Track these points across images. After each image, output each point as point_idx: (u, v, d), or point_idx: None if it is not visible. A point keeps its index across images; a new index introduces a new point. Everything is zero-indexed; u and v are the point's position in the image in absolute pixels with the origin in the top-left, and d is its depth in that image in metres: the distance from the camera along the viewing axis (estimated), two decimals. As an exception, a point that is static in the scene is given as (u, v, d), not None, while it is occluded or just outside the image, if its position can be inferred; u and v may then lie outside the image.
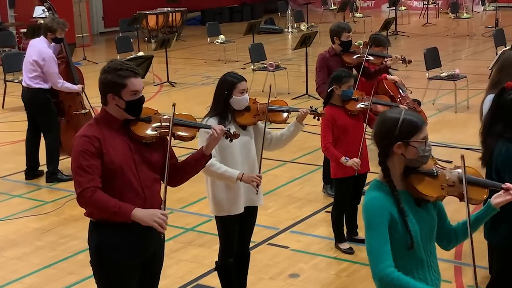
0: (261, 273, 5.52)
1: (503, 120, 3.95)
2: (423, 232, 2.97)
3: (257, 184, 4.42)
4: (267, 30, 21.13)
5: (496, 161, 3.87)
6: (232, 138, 4.00)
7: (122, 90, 3.57)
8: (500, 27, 16.94)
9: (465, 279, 5.33)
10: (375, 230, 2.85)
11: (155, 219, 3.51)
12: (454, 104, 10.75)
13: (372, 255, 2.86)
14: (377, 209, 2.87)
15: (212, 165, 4.36)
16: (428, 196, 2.95)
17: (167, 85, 13.54)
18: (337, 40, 7.07)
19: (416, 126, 2.92)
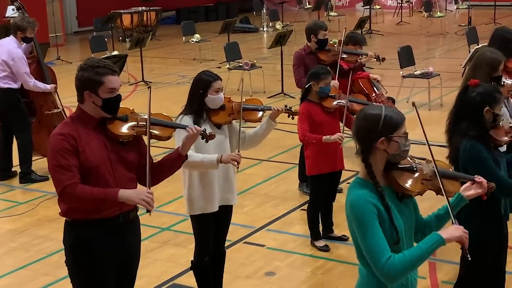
0: (237, 272, 5.52)
1: (467, 118, 3.97)
2: (406, 227, 3.00)
3: (237, 161, 4.41)
4: (243, 29, 21.12)
5: (462, 158, 3.90)
6: (207, 139, 4.00)
7: (99, 87, 3.55)
8: (473, 25, 17.12)
9: (439, 275, 5.37)
10: (368, 227, 2.84)
11: (142, 197, 3.53)
12: (428, 102, 10.85)
13: (371, 254, 2.84)
14: (365, 206, 2.87)
15: (190, 156, 4.34)
16: (411, 191, 2.99)
17: (142, 84, 13.47)
18: (313, 38, 7.10)
19: (398, 121, 2.96)
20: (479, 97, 3.92)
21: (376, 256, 2.82)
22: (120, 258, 3.75)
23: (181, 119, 4.46)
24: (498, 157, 3.99)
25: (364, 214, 2.86)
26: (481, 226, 4.05)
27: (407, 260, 2.82)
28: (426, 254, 2.84)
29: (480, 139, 3.92)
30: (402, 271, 2.82)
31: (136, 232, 3.86)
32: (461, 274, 4.29)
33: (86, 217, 3.61)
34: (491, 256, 4.15)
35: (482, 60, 4.96)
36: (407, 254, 2.83)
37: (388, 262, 2.79)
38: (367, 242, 2.84)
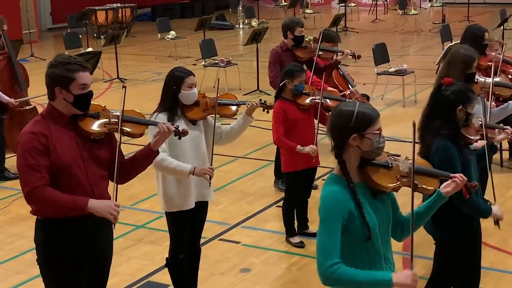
0: (212, 269, 5.51)
1: (440, 117, 4.00)
2: (380, 223, 3.01)
3: (210, 176, 4.42)
4: (218, 26, 21.08)
5: (433, 157, 3.93)
6: (180, 136, 3.98)
7: (70, 84, 3.51)
8: (447, 23, 17.27)
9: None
10: (327, 226, 2.86)
11: (110, 211, 3.52)
12: (402, 98, 10.93)
13: (320, 250, 2.87)
14: (334, 204, 2.89)
15: (164, 160, 4.34)
16: (385, 187, 2.99)
17: (117, 81, 13.38)
18: (290, 35, 7.11)
19: (371, 118, 2.96)
20: (453, 96, 3.95)
21: (324, 255, 2.85)
22: (93, 256, 3.72)
23: (156, 116, 4.44)
24: (468, 155, 4.02)
25: (328, 213, 2.88)
26: (454, 222, 4.09)
27: (349, 276, 2.83)
28: (370, 283, 2.83)
29: (452, 138, 3.95)
30: (340, 281, 2.83)
31: (108, 229, 3.83)
32: (434, 270, 4.32)
33: (57, 215, 3.57)
34: (464, 252, 4.19)
35: (456, 57, 4.99)
36: (353, 272, 2.84)
37: (333, 267, 2.82)
38: (322, 238, 2.87)
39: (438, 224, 4.11)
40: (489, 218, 4.17)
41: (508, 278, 5.27)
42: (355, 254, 2.94)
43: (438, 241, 4.22)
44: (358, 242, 2.92)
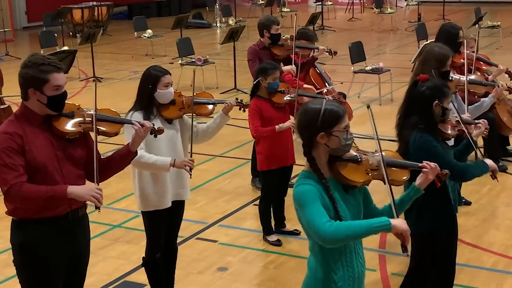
0: (189, 268, 5.50)
1: (417, 112, 4.04)
2: (352, 217, 3.02)
3: (190, 167, 4.40)
4: (196, 24, 21.03)
5: (412, 150, 3.97)
6: (156, 134, 3.97)
7: (44, 85, 3.48)
8: (422, 21, 17.40)
9: (389, 267, 5.45)
10: (309, 203, 2.86)
11: (92, 193, 3.49)
12: (379, 97, 10.99)
13: (312, 223, 2.84)
14: (308, 188, 2.90)
15: (142, 157, 4.32)
16: (355, 181, 3.00)
17: (93, 80, 13.28)
18: (266, 33, 7.12)
19: (338, 115, 2.96)
20: (429, 91, 3.99)
21: (316, 221, 2.82)
22: (70, 257, 3.70)
23: (131, 115, 4.41)
24: (446, 149, 4.06)
25: (306, 195, 2.88)
26: (431, 218, 4.12)
27: (346, 225, 2.83)
28: (370, 229, 2.83)
29: (429, 132, 3.99)
30: (339, 234, 2.80)
31: (85, 230, 3.81)
32: (411, 266, 4.35)
33: (33, 216, 3.55)
34: (441, 248, 4.23)
35: (431, 55, 5.04)
36: (350, 222, 2.87)
37: (327, 223, 2.80)
38: (308, 213, 2.85)
39: (419, 218, 4.14)
40: (466, 215, 4.20)
41: (483, 274, 5.32)
42: (327, 249, 2.94)
43: (416, 234, 4.24)
44: None
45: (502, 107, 7.54)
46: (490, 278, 5.25)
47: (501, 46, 15.66)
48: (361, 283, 3.09)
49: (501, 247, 5.77)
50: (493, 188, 7.09)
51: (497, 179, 4.18)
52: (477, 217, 6.41)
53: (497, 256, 5.61)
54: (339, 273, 2.97)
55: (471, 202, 6.67)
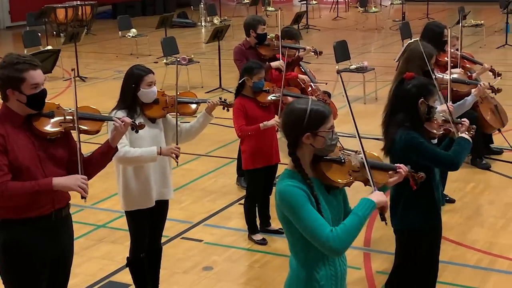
0: (174, 267, 5.49)
1: (403, 110, 4.05)
2: (334, 217, 3.02)
3: (176, 155, 4.39)
4: (180, 24, 20.97)
5: (399, 147, 3.98)
6: (137, 129, 3.95)
7: (21, 84, 3.45)
8: (407, 20, 17.46)
9: (374, 265, 5.46)
10: (302, 209, 2.84)
11: (78, 183, 3.48)
12: (363, 95, 11.02)
13: (311, 231, 2.83)
14: (295, 190, 2.88)
15: (128, 152, 4.30)
16: (338, 182, 3.00)
17: (77, 80, 13.20)
18: (252, 33, 7.11)
19: (323, 116, 2.95)
20: (414, 90, 4.01)
21: (318, 232, 2.81)
22: (53, 257, 3.68)
23: (115, 114, 4.39)
24: (431, 146, 4.08)
25: (294, 198, 2.86)
26: (416, 216, 4.14)
27: (348, 227, 2.83)
28: (363, 219, 2.86)
29: (415, 130, 4.01)
30: (347, 239, 2.82)
31: (69, 229, 3.79)
32: (396, 264, 4.37)
33: (17, 216, 3.53)
34: (426, 246, 4.25)
35: (414, 54, 5.06)
36: (347, 223, 2.85)
37: (332, 234, 2.80)
38: (305, 222, 2.84)
39: (404, 215, 4.16)
40: (450, 212, 4.22)
41: (467, 271, 5.35)
42: (310, 249, 2.94)
43: (400, 232, 4.27)
44: None
45: (485, 106, 7.58)
46: (474, 275, 5.28)
47: (484, 45, 15.76)
48: (343, 281, 3.10)
49: (485, 244, 5.80)
50: (476, 186, 7.14)
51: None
52: (461, 214, 6.45)
53: (481, 253, 5.65)
54: (321, 272, 2.97)
55: (455, 200, 6.71)
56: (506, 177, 7.38)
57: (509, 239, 5.90)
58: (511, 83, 11.71)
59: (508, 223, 6.23)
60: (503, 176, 7.42)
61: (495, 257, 5.56)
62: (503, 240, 5.87)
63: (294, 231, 2.93)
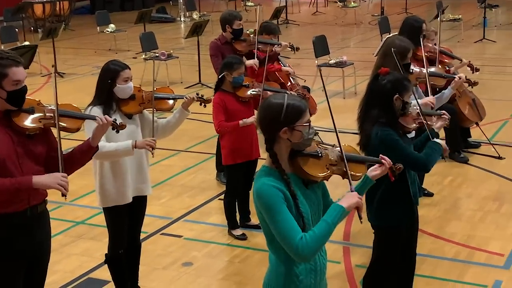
0: (154, 264, 5.47)
1: (378, 106, 4.06)
2: (313, 212, 3.02)
3: (152, 147, 4.36)
4: (159, 19, 20.87)
5: (374, 144, 3.99)
6: (118, 129, 3.93)
7: (3, 80, 3.43)
8: (385, 15, 17.52)
9: (353, 259, 5.49)
10: (277, 212, 2.84)
11: (58, 181, 3.45)
12: (343, 90, 11.05)
13: (283, 237, 2.84)
14: (272, 191, 2.87)
15: (103, 147, 4.26)
16: (316, 176, 3.00)
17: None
18: (228, 28, 7.11)
19: (300, 110, 2.95)
20: (389, 85, 4.01)
21: (289, 238, 2.83)
22: (29, 253, 3.65)
23: (90, 110, 4.36)
24: (406, 143, 4.10)
25: (271, 199, 2.86)
26: (391, 212, 4.16)
27: (317, 235, 2.84)
28: (333, 226, 2.87)
29: (390, 126, 4.02)
30: (315, 247, 2.83)
31: (46, 226, 3.76)
32: (373, 258, 4.39)
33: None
34: (403, 240, 4.27)
35: (392, 47, 5.07)
36: (316, 231, 2.86)
37: (301, 242, 2.81)
38: (278, 226, 2.84)
39: (379, 211, 4.18)
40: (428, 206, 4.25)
41: (444, 264, 5.40)
42: None
43: (377, 228, 4.29)
44: None
45: (463, 100, 7.65)
46: (452, 268, 5.32)
47: (462, 39, 15.88)
48: (323, 275, 3.10)
49: (463, 237, 5.85)
50: (454, 180, 7.19)
51: (445, 159, 4.22)
52: (439, 208, 6.50)
53: (458, 246, 5.69)
54: (300, 266, 2.97)
55: (433, 194, 6.75)
56: (484, 170, 7.45)
57: (486, 231, 5.95)
58: (488, 77, 11.83)
59: (485, 216, 6.29)
60: (480, 169, 7.48)
61: (473, 250, 5.61)
62: (481, 233, 5.92)
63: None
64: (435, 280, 5.14)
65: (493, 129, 8.74)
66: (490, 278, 5.14)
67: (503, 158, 7.74)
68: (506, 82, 11.66)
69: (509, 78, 12.07)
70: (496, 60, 13.65)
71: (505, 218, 6.23)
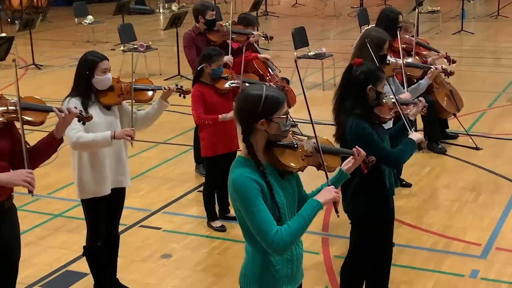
0: (132, 256, 5.45)
1: (352, 97, 4.07)
2: (288, 203, 3.03)
3: (131, 136, 4.32)
4: (138, 10, 20.74)
5: (348, 136, 4.01)
6: (85, 121, 3.85)
7: None
8: (364, 7, 17.56)
9: (332, 250, 5.51)
10: (253, 204, 2.85)
11: (23, 178, 3.37)
12: (322, 82, 11.07)
13: (258, 230, 2.85)
14: (248, 183, 2.87)
15: (81, 137, 4.23)
16: (291, 167, 3.01)
17: (33, 67, 13.01)
18: (201, 19, 7.10)
19: (278, 102, 2.95)
20: (363, 76, 4.02)
21: (264, 231, 2.84)
22: None
23: (69, 101, 4.33)
24: (381, 133, 4.12)
25: (247, 191, 2.86)
26: (368, 202, 4.18)
27: (293, 230, 2.85)
28: (309, 220, 2.89)
29: (365, 117, 4.03)
30: (290, 241, 2.85)
31: (13, 222, 3.70)
32: (350, 249, 4.41)
33: None
34: (378, 231, 4.30)
35: (369, 39, 5.08)
36: (292, 225, 2.87)
37: (276, 235, 2.82)
38: (254, 218, 2.85)
39: (353, 202, 4.20)
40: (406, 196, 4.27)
41: (422, 254, 5.44)
42: None
43: (353, 219, 4.32)
44: None
45: (441, 91, 7.70)
46: (430, 258, 5.37)
47: (440, 31, 15.97)
48: (299, 264, 3.12)
49: (440, 227, 5.90)
50: (432, 170, 7.24)
51: (422, 150, 4.22)
52: (417, 198, 6.54)
53: (436, 236, 5.74)
54: (277, 256, 2.98)
55: (411, 184, 6.80)
56: (461, 161, 7.51)
57: (464, 222, 6.01)
58: (466, 68, 11.93)
59: (463, 206, 6.35)
60: (458, 160, 7.55)
61: (450, 240, 5.66)
62: (458, 223, 5.98)
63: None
64: (413, 270, 5.18)
65: (471, 120, 8.81)
66: (467, 267, 5.20)
67: (480, 149, 7.81)
68: (483, 74, 11.75)
69: (487, 70, 12.17)
70: (474, 51, 13.76)
71: (482, 208, 6.29)
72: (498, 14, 18.04)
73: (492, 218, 6.04)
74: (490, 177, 7.03)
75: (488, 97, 10.11)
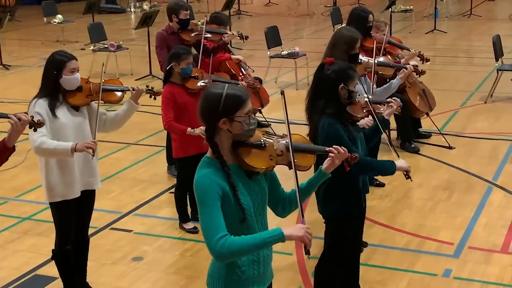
0: (102, 259, 5.36)
1: (324, 96, 4.04)
2: (255, 204, 2.98)
3: (93, 149, 4.21)
4: (109, 9, 20.56)
5: (320, 136, 3.97)
6: (36, 127, 3.70)
7: None
8: (338, 6, 17.61)
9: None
10: (207, 205, 2.82)
11: None
12: (295, 81, 11.04)
13: (206, 231, 2.82)
14: (208, 185, 2.83)
15: (43, 143, 4.12)
16: (257, 168, 2.94)
17: (1, 68, 12.79)
18: (175, 18, 7.02)
19: (240, 100, 2.89)
20: (334, 75, 4.00)
21: (210, 233, 2.79)
22: None
23: (36, 102, 4.23)
24: (354, 132, 4.09)
25: (204, 193, 2.83)
26: (338, 204, 4.17)
27: (240, 243, 2.80)
28: (262, 244, 2.82)
29: (337, 116, 4.00)
30: (232, 252, 2.79)
31: None
32: (325, 248, 4.39)
33: None
34: (351, 231, 4.28)
35: (339, 39, 5.08)
36: (243, 238, 2.82)
37: (220, 241, 2.78)
38: (205, 219, 2.82)
39: (325, 203, 4.17)
40: (380, 196, 4.24)
41: (395, 253, 5.42)
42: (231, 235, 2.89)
43: (327, 219, 4.29)
44: (233, 224, 2.87)
45: (413, 91, 7.71)
46: (403, 257, 5.35)
47: (414, 30, 16.05)
48: (267, 266, 3.07)
49: (414, 227, 5.89)
50: (405, 169, 7.23)
51: (410, 178, 4.18)
52: (391, 198, 6.53)
53: (409, 236, 5.73)
54: (243, 258, 2.94)
55: (384, 184, 6.78)
56: (434, 160, 7.53)
57: (436, 221, 6.01)
58: (439, 67, 12.01)
59: (435, 205, 6.35)
60: (431, 159, 7.56)
61: (423, 239, 5.66)
62: (431, 222, 5.98)
63: None
64: (386, 269, 5.17)
65: (444, 119, 8.84)
66: (440, 266, 5.19)
67: (453, 148, 7.84)
68: (456, 73, 11.82)
69: (460, 69, 12.25)
70: (447, 50, 13.85)
71: (455, 207, 6.30)
72: (471, 13, 18.19)
73: (464, 217, 6.05)
74: (463, 176, 7.06)
75: (461, 96, 10.16)
